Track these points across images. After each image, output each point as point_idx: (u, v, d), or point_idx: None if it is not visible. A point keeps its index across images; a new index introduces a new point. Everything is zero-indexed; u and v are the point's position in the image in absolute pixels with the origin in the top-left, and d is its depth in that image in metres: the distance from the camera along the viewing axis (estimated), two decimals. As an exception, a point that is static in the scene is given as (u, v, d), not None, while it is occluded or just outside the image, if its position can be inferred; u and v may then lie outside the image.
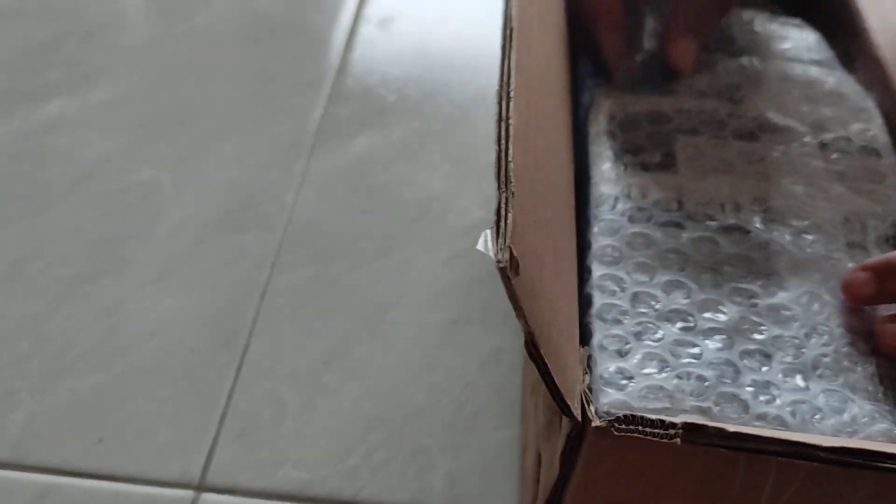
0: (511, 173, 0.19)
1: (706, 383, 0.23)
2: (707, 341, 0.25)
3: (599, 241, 0.28)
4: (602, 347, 0.24)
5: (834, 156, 0.32)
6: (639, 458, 0.23)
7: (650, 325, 0.25)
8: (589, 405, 0.21)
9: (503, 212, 0.18)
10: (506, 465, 0.37)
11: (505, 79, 0.21)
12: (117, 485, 0.37)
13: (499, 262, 0.17)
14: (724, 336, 0.25)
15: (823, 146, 0.32)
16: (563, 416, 0.21)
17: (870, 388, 0.24)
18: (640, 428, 0.20)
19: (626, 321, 0.25)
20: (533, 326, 0.18)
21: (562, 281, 0.23)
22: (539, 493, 0.27)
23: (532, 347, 0.18)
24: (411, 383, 0.41)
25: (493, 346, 0.42)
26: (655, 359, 0.24)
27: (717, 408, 0.23)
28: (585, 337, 0.25)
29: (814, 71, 0.36)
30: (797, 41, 0.38)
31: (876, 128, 0.33)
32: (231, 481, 0.37)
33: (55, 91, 0.55)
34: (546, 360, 0.19)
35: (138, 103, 0.55)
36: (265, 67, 0.58)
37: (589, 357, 0.24)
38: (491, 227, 0.18)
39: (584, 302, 0.26)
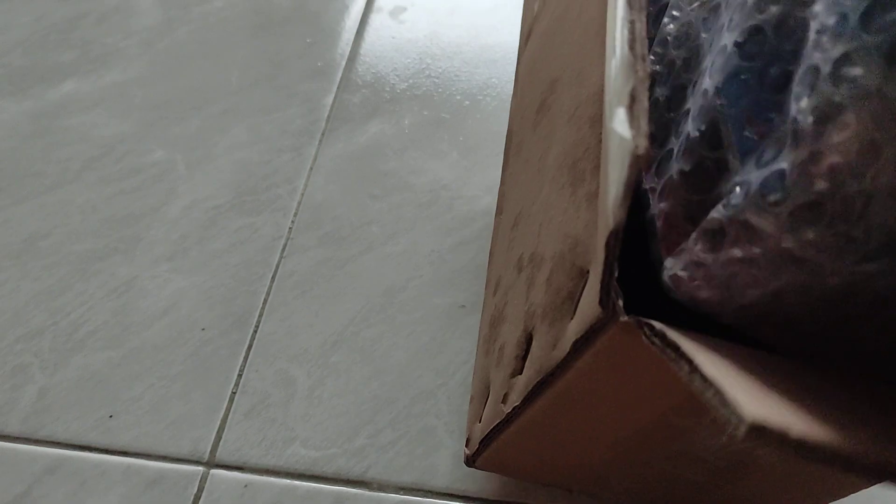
0: (640, 42, 0.18)
1: None
2: None
3: None
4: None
5: None
6: (641, 355, 0.23)
7: None
8: (618, 299, 0.21)
9: (637, 94, 0.17)
10: (511, 447, 0.38)
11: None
12: (128, 459, 0.37)
13: (637, 147, 0.16)
14: None
15: None
16: (589, 307, 0.21)
17: None
18: (654, 339, 0.19)
19: None
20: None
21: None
22: (526, 370, 0.27)
23: (614, 237, 0.18)
24: (419, 365, 0.41)
25: (501, 330, 0.42)
26: None
27: None
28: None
29: None
30: None
31: None
32: (240, 458, 0.38)
33: (70, 72, 0.56)
34: (613, 251, 0.18)
35: (152, 85, 0.55)
36: (278, 53, 0.58)
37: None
38: (623, 106, 0.17)
39: None
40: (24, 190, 0.49)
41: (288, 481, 0.37)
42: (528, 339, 0.29)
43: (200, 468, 0.37)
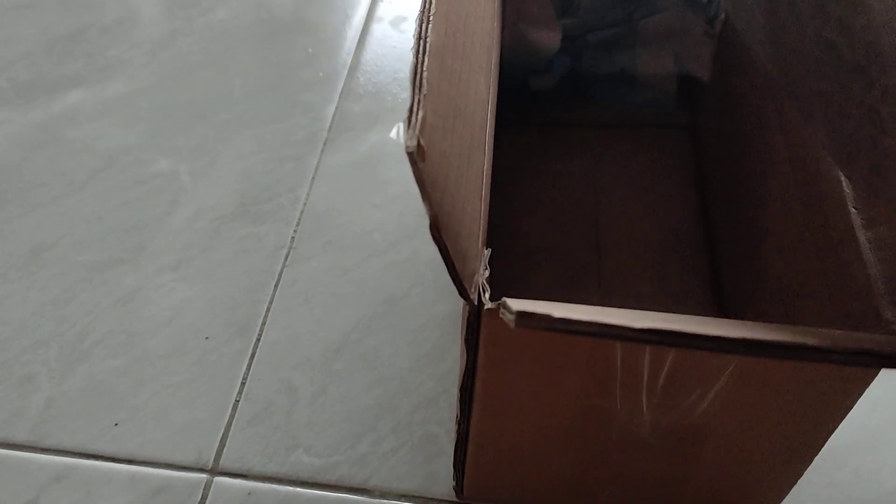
0: (425, 81, 0.21)
1: None
2: None
3: None
4: None
5: None
6: (528, 339, 0.25)
7: None
8: (485, 293, 0.24)
9: (415, 109, 0.20)
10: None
11: (426, 4, 0.24)
12: (133, 467, 0.38)
13: (408, 147, 0.19)
14: None
15: None
16: (463, 307, 0.24)
17: None
18: (505, 312, 0.22)
19: None
20: (438, 211, 0.20)
21: (472, 192, 0.25)
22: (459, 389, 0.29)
23: (435, 230, 0.21)
24: (421, 372, 0.41)
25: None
26: None
27: None
28: None
29: None
30: None
31: None
32: (244, 465, 0.38)
33: (75, 83, 0.57)
34: (447, 244, 0.21)
35: (156, 96, 0.56)
36: (280, 63, 0.59)
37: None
38: (403, 121, 0.20)
39: None
40: (30, 201, 0.49)
41: (291, 489, 0.37)
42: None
43: (205, 476, 0.38)
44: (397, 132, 0.21)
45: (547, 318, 0.20)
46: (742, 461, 0.31)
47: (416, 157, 0.19)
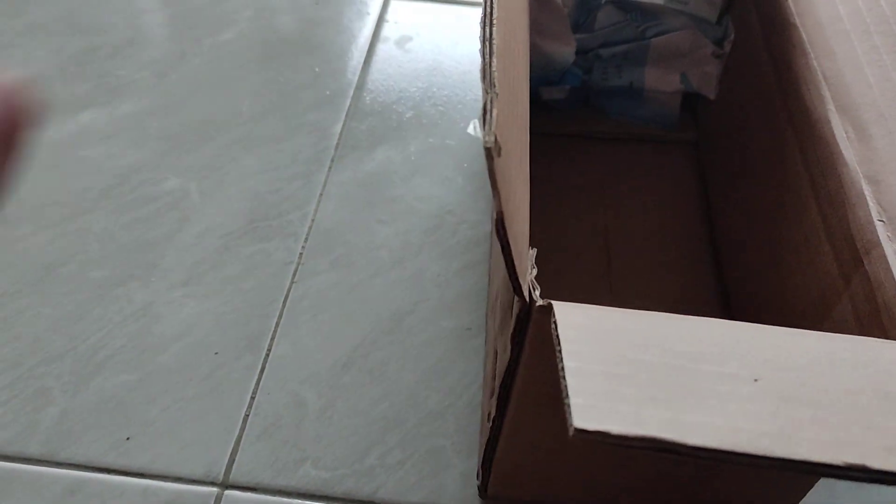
0: (496, 80, 0.23)
1: None
2: None
3: None
4: None
5: None
6: None
7: None
8: (535, 290, 0.25)
9: (490, 107, 0.22)
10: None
11: (489, 9, 0.26)
12: (145, 481, 0.39)
13: (486, 142, 0.20)
14: None
15: None
16: (515, 303, 0.25)
17: None
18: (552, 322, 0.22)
19: None
20: (504, 208, 0.21)
21: (524, 193, 0.27)
22: (495, 381, 0.29)
23: (500, 226, 0.21)
24: (427, 386, 0.42)
25: (506, 352, 0.44)
26: None
27: None
28: None
29: None
30: None
31: None
32: (253, 479, 0.39)
33: (86, 103, 0.58)
34: (510, 240, 0.22)
35: (165, 116, 0.57)
36: (287, 83, 0.60)
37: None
38: (478, 117, 0.21)
39: None
40: (43, 219, 0.50)
41: (300, 502, 0.38)
42: (495, 358, 0.31)
43: (215, 489, 0.38)
44: (474, 128, 0.22)
45: (603, 435, 0.20)
46: (763, 478, 0.31)
47: (494, 152, 0.20)
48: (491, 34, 0.24)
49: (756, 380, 0.21)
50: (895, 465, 0.20)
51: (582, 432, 0.19)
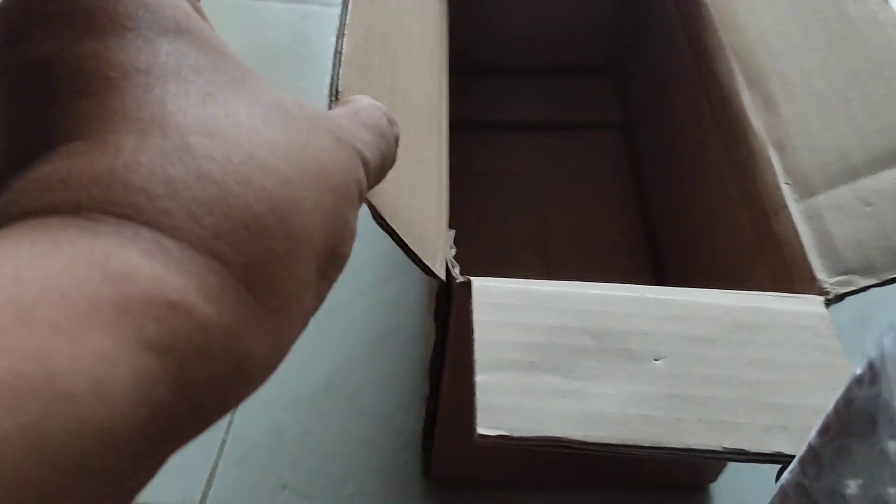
0: (342, 89, 0.24)
1: None
2: None
3: None
4: None
5: None
6: None
7: None
8: (454, 268, 0.26)
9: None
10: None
11: (342, 22, 0.27)
12: (118, 507, 0.38)
13: None
14: None
15: None
16: (432, 282, 0.26)
17: None
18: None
19: None
20: (377, 203, 0.22)
21: (425, 183, 0.28)
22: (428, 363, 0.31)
23: (378, 219, 0.23)
24: (408, 411, 0.41)
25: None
26: None
27: None
28: None
29: None
30: None
31: None
32: (230, 506, 0.38)
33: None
34: (396, 229, 0.23)
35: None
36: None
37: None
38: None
39: None
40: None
41: (277, 530, 0.37)
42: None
43: (190, 517, 0.37)
44: None
45: (505, 438, 0.22)
46: None
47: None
48: (340, 47, 0.25)
49: (656, 359, 0.24)
50: (769, 447, 0.22)
51: (485, 437, 0.22)
